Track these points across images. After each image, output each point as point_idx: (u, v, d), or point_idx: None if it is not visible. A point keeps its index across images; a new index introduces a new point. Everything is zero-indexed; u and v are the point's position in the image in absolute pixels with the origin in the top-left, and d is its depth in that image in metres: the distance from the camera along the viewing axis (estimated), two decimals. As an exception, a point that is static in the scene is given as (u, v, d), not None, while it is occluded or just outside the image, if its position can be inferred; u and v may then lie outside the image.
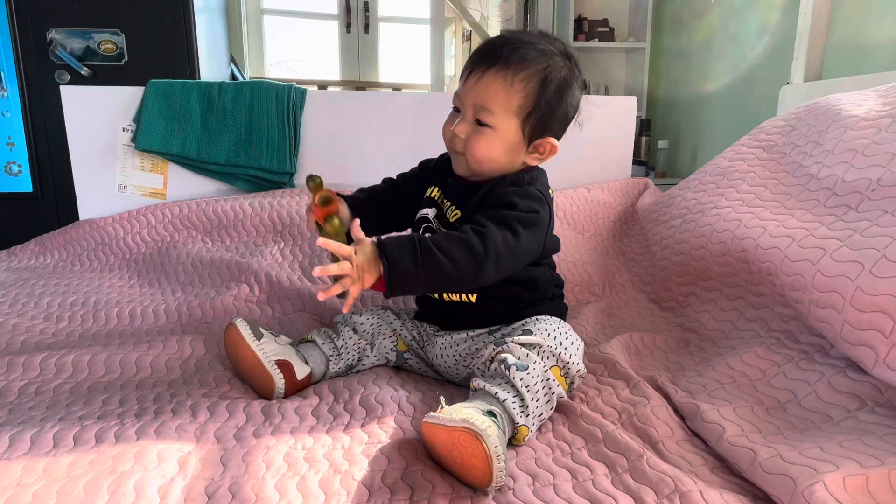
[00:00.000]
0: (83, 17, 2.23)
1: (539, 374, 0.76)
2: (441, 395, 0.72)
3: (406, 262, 0.76)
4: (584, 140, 1.66)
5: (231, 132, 1.64)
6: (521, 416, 0.73)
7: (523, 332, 0.83)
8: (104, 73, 2.27)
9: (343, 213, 0.96)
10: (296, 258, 1.37)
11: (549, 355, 0.79)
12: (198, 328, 1.13)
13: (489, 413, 0.69)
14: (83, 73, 2.25)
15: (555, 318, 0.86)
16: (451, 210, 0.94)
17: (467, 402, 0.71)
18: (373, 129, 1.70)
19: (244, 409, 0.78)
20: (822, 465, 0.59)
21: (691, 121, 3.13)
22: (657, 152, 3.16)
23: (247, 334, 0.85)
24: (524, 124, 0.88)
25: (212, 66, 2.58)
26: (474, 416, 0.65)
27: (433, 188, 0.99)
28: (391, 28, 3.80)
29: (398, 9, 3.80)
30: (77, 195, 1.63)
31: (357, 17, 3.67)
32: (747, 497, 0.61)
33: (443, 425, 0.65)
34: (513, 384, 0.74)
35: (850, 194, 0.96)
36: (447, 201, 0.96)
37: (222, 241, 1.47)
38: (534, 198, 0.88)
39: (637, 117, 2.63)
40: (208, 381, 0.88)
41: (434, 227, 0.96)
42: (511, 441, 0.73)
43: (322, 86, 3.56)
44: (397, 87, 3.77)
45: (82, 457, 0.65)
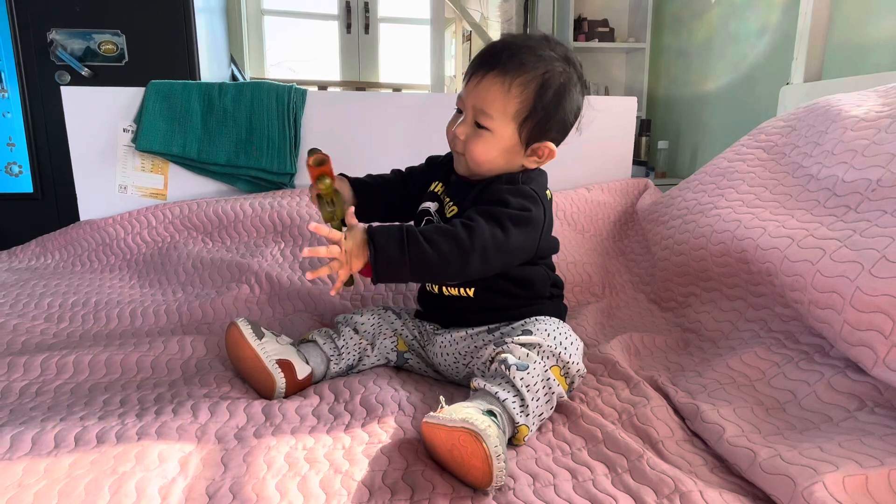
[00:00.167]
0: (83, 18, 2.23)
1: (539, 374, 0.77)
2: (441, 395, 0.73)
3: (392, 249, 0.79)
4: (584, 140, 1.65)
5: (231, 133, 1.64)
6: (522, 416, 0.73)
7: (523, 332, 0.83)
8: (105, 74, 2.27)
9: (345, 192, 0.99)
10: (296, 258, 1.37)
11: (549, 355, 0.79)
12: (198, 328, 1.13)
13: (489, 413, 0.69)
14: (84, 73, 2.26)
15: (554, 319, 0.87)
16: (450, 205, 0.96)
17: (467, 402, 0.72)
18: (373, 130, 1.70)
19: (245, 409, 0.79)
20: (822, 465, 0.59)
21: (691, 121, 3.13)
22: (657, 152, 3.17)
23: (248, 334, 0.85)
24: (521, 128, 0.89)
25: (212, 66, 2.58)
26: (474, 416, 0.65)
27: (437, 183, 1.01)
28: (391, 28, 3.80)
29: (398, 9, 3.80)
30: (77, 196, 1.63)
31: (357, 18, 3.67)
32: (747, 497, 0.62)
33: (443, 425, 0.65)
34: (513, 384, 0.74)
35: (850, 195, 0.97)
36: (447, 197, 0.98)
37: (223, 242, 1.47)
38: (526, 196, 0.88)
39: (637, 117, 2.63)
40: (209, 382, 0.88)
41: (434, 220, 0.97)
42: (511, 441, 0.73)
43: (322, 86, 3.57)
44: (397, 88, 3.78)
45: (83, 457, 0.65)
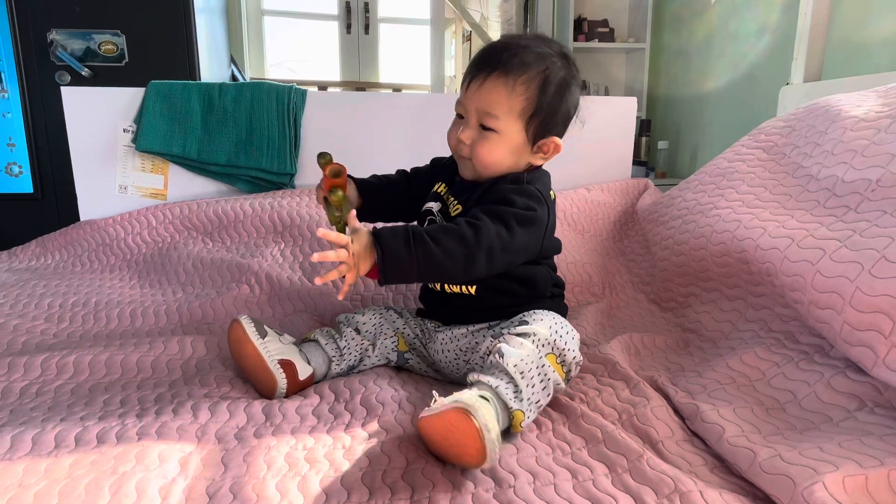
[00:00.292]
0: (83, 18, 2.23)
1: (534, 361, 0.77)
2: (434, 391, 0.73)
3: (399, 250, 0.78)
4: (584, 140, 1.67)
5: (231, 133, 1.64)
6: (515, 402, 0.73)
7: (519, 323, 0.84)
8: (105, 74, 2.27)
9: (350, 194, 0.99)
10: (296, 259, 1.37)
11: (544, 343, 0.80)
12: (198, 329, 1.13)
13: (482, 398, 0.70)
14: (84, 73, 2.26)
15: (550, 312, 0.87)
16: (454, 205, 0.96)
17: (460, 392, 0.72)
18: (373, 130, 1.70)
19: (245, 409, 0.79)
20: (822, 465, 0.60)
21: (691, 121, 3.13)
22: (657, 153, 3.17)
23: (251, 331, 0.85)
24: (528, 126, 0.90)
25: (212, 66, 2.58)
26: (464, 397, 0.66)
27: (440, 184, 1.02)
28: (391, 29, 3.80)
29: (398, 9, 3.80)
30: (78, 196, 1.63)
31: (357, 18, 3.67)
32: (747, 497, 0.62)
33: (434, 414, 0.66)
34: (506, 371, 0.75)
35: (850, 195, 0.97)
36: (451, 197, 0.98)
37: (223, 242, 1.47)
38: (531, 196, 0.89)
39: (637, 118, 2.63)
40: (209, 382, 0.88)
41: (437, 220, 0.98)
42: (509, 430, 0.74)
43: (322, 87, 3.57)
44: (397, 88, 3.78)
45: (84, 457, 0.65)
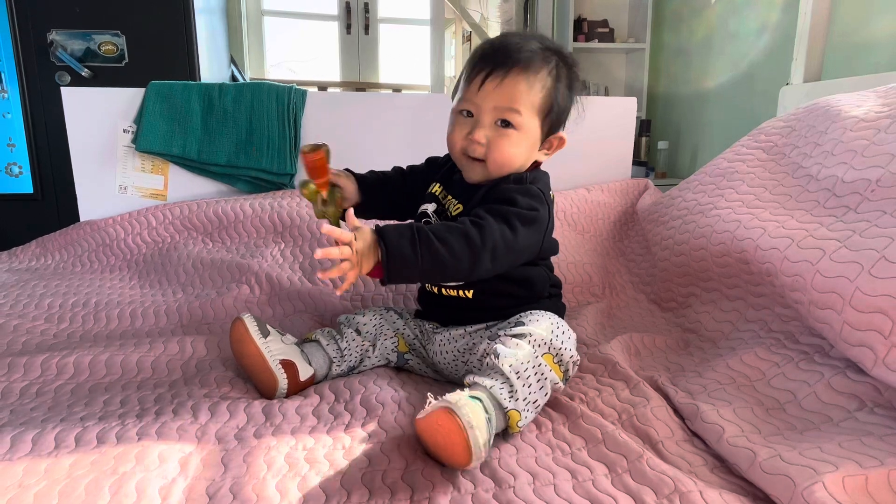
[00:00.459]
0: (83, 19, 2.23)
1: (529, 360, 0.77)
2: (429, 393, 0.73)
3: (404, 249, 0.77)
4: (584, 140, 1.67)
5: (231, 133, 1.64)
6: (510, 401, 0.73)
7: (516, 324, 0.84)
8: (105, 75, 2.27)
9: (350, 189, 0.99)
10: (296, 259, 1.37)
11: (541, 343, 0.80)
12: (199, 329, 1.13)
13: (473, 398, 0.69)
14: (84, 74, 2.26)
15: (547, 312, 0.87)
16: (454, 205, 0.95)
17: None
18: (373, 131, 1.70)
19: (245, 409, 0.79)
20: (822, 465, 0.60)
21: (691, 121, 3.13)
22: (657, 153, 3.17)
23: (253, 330, 0.85)
24: (544, 122, 0.91)
25: (212, 67, 2.58)
26: (450, 396, 0.67)
27: (435, 184, 1.01)
28: (391, 29, 3.80)
29: (398, 10, 3.80)
30: (78, 196, 1.63)
31: (357, 19, 3.67)
32: (747, 497, 0.62)
33: (425, 415, 0.67)
34: (501, 371, 0.75)
35: (850, 195, 0.97)
36: (450, 196, 0.97)
37: (223, 242, 1.47)
38: (534, 196, 0.89)
39: (637, 118, 2.63)
40: (209, 382, 0.88)
41: (432, 222, 0.97)
42: (507, 431, 0.74)
43: (322, 87, 3.57)
44: (397, 89, 3.78)
45: (84, 457, 0.65)
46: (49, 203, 2.35)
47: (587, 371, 0.93)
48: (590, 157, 1.77)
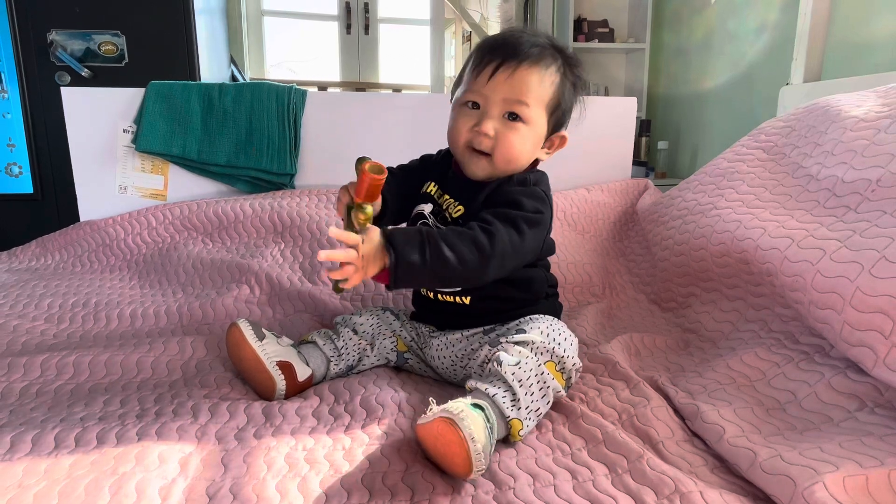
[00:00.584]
0: (83, 19, 2.23)
1: (532, 369, 0.77)
2: (431, 398, 0.72)
3: (413, 255, 0.75)
4: (584, 140, 1.67)
5: (231, 133, 1.64)
6: (513, 410, 0.73)
7: (517, 331, 0.83)
8: (104, 75, 2.27)
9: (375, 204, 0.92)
10: (296, 259, 1.37)
11: (543, 351, 0.79)
12: (199, 329, 1.13)
13: (475, 406, 0.69)
14: (84, 74, 2.26)
15: (548, 316, 0.86)
16: (454, 206, 0.93)
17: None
18: (373, 131, 1.70)
19: (245, 410, 0.79)
20: (822, 465, 0.59)
21: (691, 121, 3.13)
22: (657, 153, 3.17)
23: (249, 335, 0.85)
24: (550, 118, 0.90)
25: (212, 67, 2.58)
26: (452, 406, 0.66)
27: (430, 183, 0.98)
28: (391, 29, 3.80)
29: (398, 10, 3.80)
30: (78, 196, 1.63)
31: (357, 19, 3.67)
32: (747, 497, 0.62)
33: (426, 422, 0.66)
34: (504, 379, 0.75)
35: (850, 195, 0.97)
36: (446, 195, 0.95)
37: (223, 243, 1.47)
38: (538, 198, 0.88)
39: (637, 118, 2.63)
40: (209, 383, 0.88)
41: (430, 223, 0.95)
42: (507, 438, 0.74)
43: (322, 87, 3.57)
44: (397, 89, 3.78)
45: (84, 458, 0.65)
46: (49, 203, 2.35)
47: (587, 371, 0.92)
48: (590, 157, 1.77)
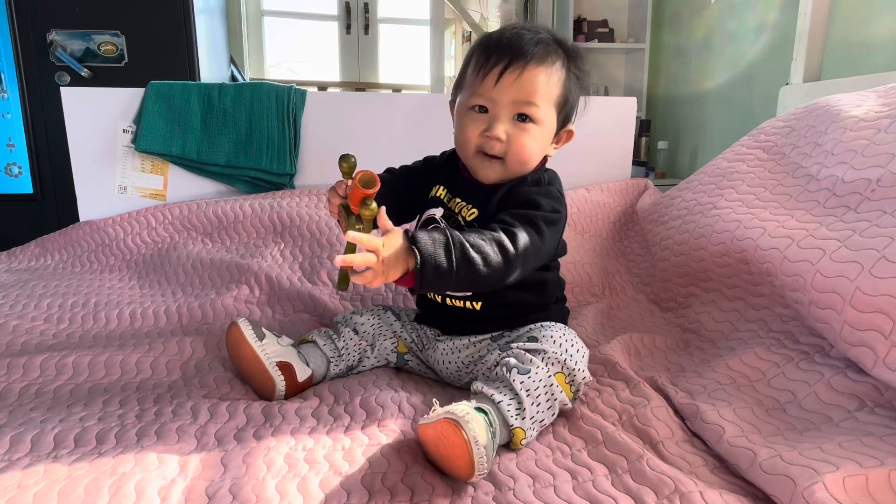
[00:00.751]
0: (83, 19, 2.23)
1: (542, 379, 0.75)
2: (434, 399, 0.72)
3: (440, 258, 0.72)
4: (584, 140, 1.66)
5: (231, 133, 1.64)
6: (517, 419, 0.72)
7: (528, 339, 0.82)
8: (104, 75, 2.27)
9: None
10: (296, 259, 1.37)
11: (554, 362, 0.78)
12: (198, 329, 1.13)
13: (479, 410, 0.69)
14: (83, 74, 2.26)
15: (560, 325, 0.85)
16: (466, 209, 0.91)
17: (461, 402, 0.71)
18: (373, 131, 1.70)
19: (245, 410, 0.78)
20: (822, 465, 0.59)
21: (691, 121, 3.13)
22: (657, 153, 3.17)
23: (249, 334, 0.85)
24: (559, 115, 0.89)
25: (212, 67, 2.58)
26: (456, 408, 0.65)
27: (438, 187, 0.97)
28: (391, 29, 3.80)
29: (398, 10, 3.80)
30: (77, 196, 1.63)
31: (357, 19, 3.67)
32: (747, 497, 0.62)
33: (429, 423, 0.66)
34: (511, 387, 0.74)
35: (850, 195, 0.97)
36: (457, 199, 0.93)
37: (222, 243, 1.47)
38: (555, 198, 0.88)
39: (637, 118, 2.63)
40: (209, 383, 0.88)
41: (442, 226, 0.92)
42: (508, 445, 0.73)
43: (322, 87, 3.57)
44: (397, 89, 3.78)
45: (83, 458, 0.65)
46: (48, 203, 2.35)
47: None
48: (590, 157, 1.77)
